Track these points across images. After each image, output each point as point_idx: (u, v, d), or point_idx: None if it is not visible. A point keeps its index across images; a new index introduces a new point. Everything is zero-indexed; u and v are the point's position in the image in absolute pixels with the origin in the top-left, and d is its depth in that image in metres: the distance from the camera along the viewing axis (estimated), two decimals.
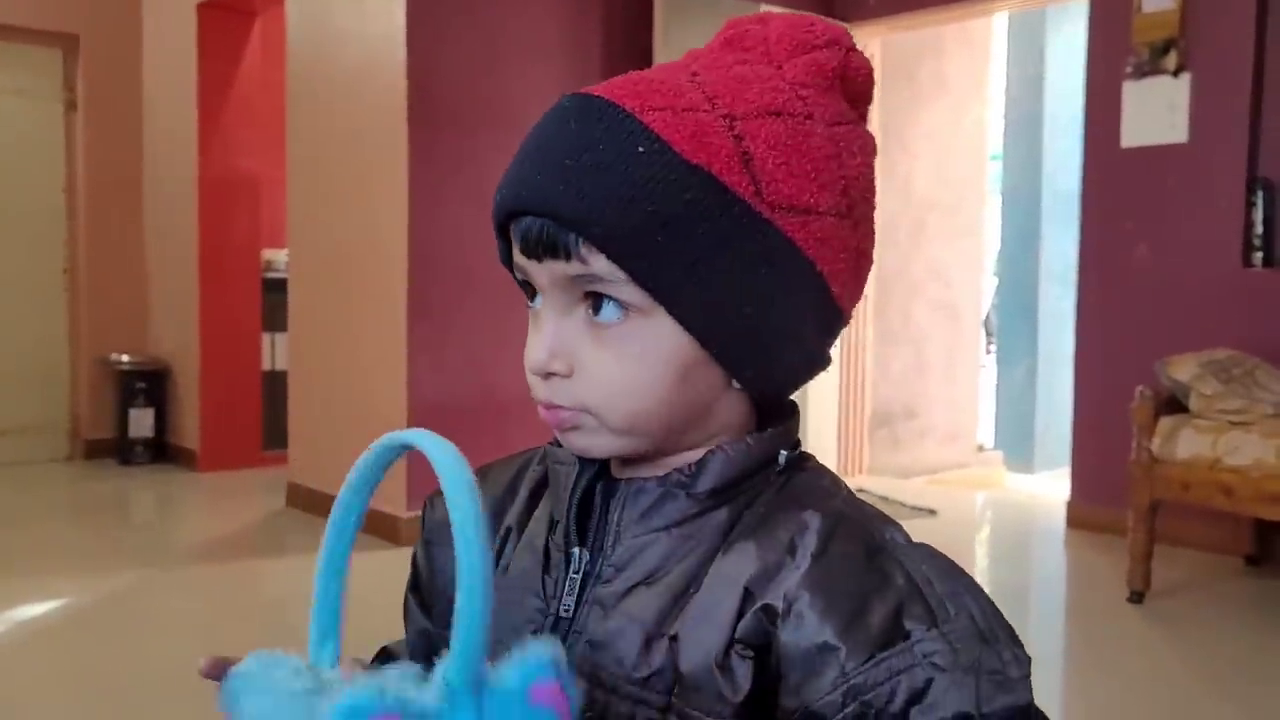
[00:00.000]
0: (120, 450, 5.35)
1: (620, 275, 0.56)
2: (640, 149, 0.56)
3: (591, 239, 0.56)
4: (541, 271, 0.59)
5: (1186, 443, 3.13)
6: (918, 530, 0.62)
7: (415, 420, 3.70)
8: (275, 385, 5.06)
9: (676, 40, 4.31)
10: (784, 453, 0.62)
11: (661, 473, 0.61)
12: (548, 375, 0.60)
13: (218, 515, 4.60)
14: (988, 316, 7.14)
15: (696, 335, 0.58)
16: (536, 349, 0.60)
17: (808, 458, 0.64)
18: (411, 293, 3.79)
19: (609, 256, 0.56)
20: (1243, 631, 3.10)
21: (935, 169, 5.66)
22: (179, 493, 4.95)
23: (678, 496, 0.60)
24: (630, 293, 0.57)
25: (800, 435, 0.65)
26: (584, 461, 0.64)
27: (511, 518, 0.69)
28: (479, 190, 3.85)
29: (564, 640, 0.61)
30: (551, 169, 0.57)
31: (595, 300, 0.58)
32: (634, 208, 0.55)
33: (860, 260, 0.63)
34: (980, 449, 6.06)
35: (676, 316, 0.57)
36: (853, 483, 4.95)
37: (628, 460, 0.63)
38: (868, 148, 0.63)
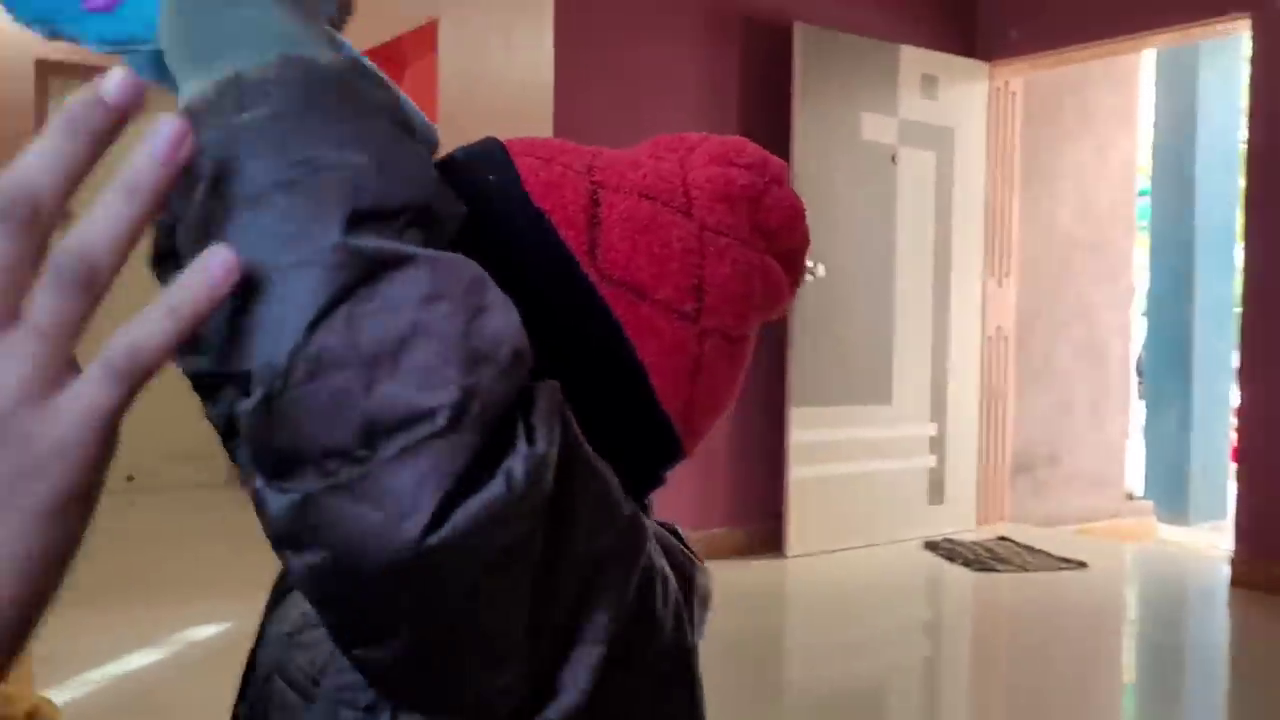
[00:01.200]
0: None
1: None
2: (491, 177, 0.56)
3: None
4: None
5: None
6: (1066, 583, 0.59)
7: None
8: None
9: (815, 80, 4.31)
10: None
11: None
12: None
13: None
14: (1139, 358, 6.87)
15: None
16: None
17: None
18: None
19: None
20: None
21: (1080, 207, 5.49)
22: None
23: None
24: None
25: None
26: None
27: None
28: None
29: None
30: None
31: None
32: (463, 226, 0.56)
33: (701, 376, 0.56)
34: (1130, 497, 5.81)
35: None
36: (993, 530, 4.81)
37: None
38: (752, 274, 0.58)
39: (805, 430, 4.31)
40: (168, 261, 0.46)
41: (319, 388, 0.40)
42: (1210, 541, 5.02)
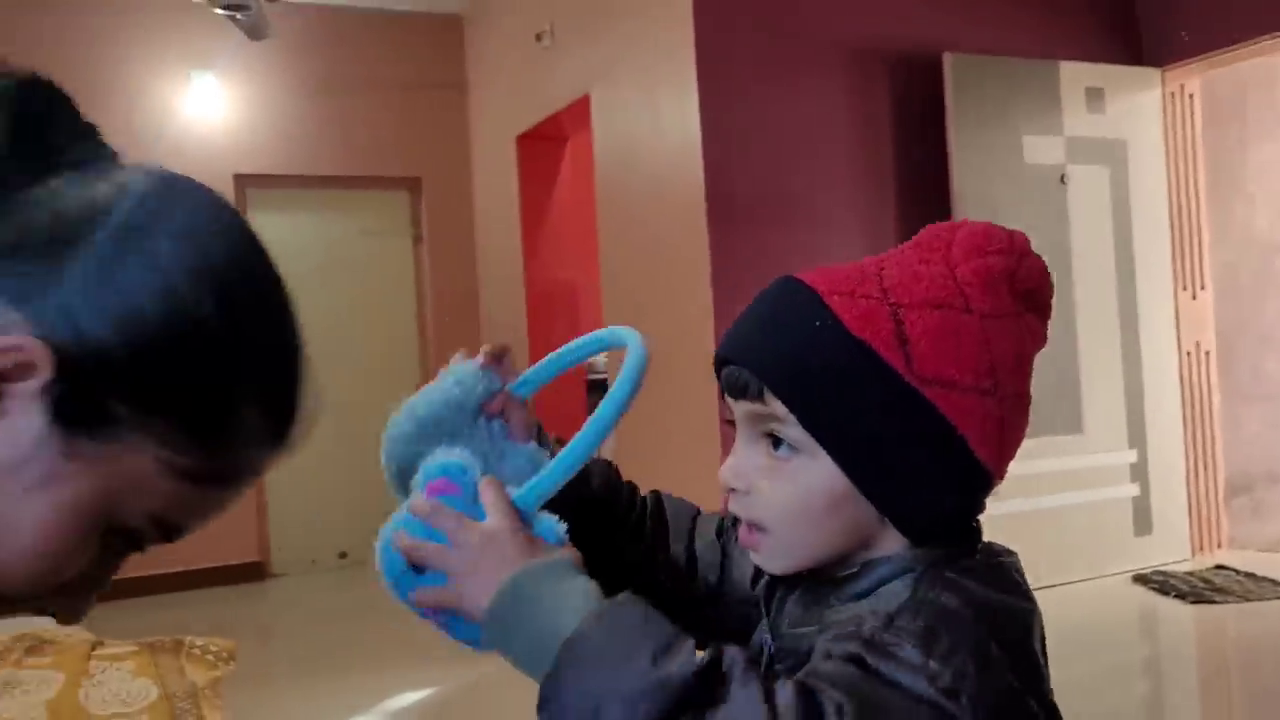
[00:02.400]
0: None
1: (791, 418, 0.72)
2: (817, 323, 0.72)
3: (770, 386, 0.72)
4: (736, 408, 0.76)
5: None
6: None
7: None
8: None
9: (971, 108, 4.24)
10: (912, 572, 0.72)
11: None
12: (731, 490, 0.76)
13: None
14: None
15: (847, 473, 0.71)
16: (724, 469, 0.77)
17: (949, 582, 0.71)
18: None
19: (783, 401, 0.72)
20: None
21: (1278, 207, 5.14)
22: None
23: (827, 599, 0.74)
24: (797, 433, 0.72)
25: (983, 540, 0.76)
26: None
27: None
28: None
29: None
30: (751, 330, 0.75)
31: (773, 438, 0.73)
32: (805, 366, 0.72)
33: (1005, 430, 0.73)
34: None
35: (832, 455, 0.71)
36: (1211, 559, 4.51)
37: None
38: (1023, 337, 0.75)
39: None
40: None
41: None
42: None
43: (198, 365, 0.56)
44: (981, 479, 0.73)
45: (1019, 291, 0.75)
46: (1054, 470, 4.31)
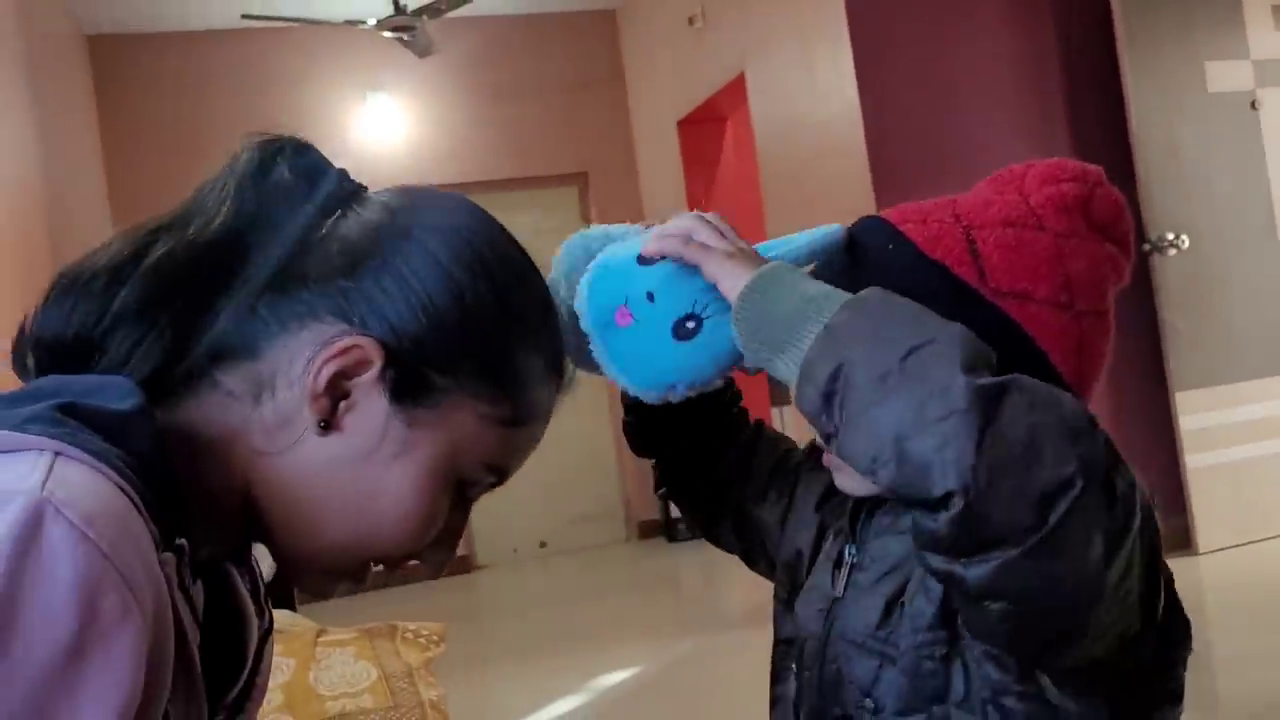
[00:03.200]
0: (666, 529, 5.93)
1: None
2: (890, 246, 0.75)
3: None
4: None
5: None
6: None
7: None
8: None
9: (1144, 39, 4.01)
10: None
11: None
12: None
13: (762, 584, 4.93)
14: None
15: None
16: None
17: None
18: None
19: None
20: None
21: None
22: (721, 564, 5.37)
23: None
24: None
25: None
26: None
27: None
28: None
29: (830, 611, 0.81)
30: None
31: None
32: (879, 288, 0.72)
33: (1084, 349, 0.74)
34: None
35: None
36: None
37: None
38: (1100, 262, 0.76)
39: (1195, 415, 3.96)
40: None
41: (999, 488, 0.57)
42: None
43: (482, 330, 0.68)
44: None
45: (1095, 222, 0.76)
46: (1270, 415, 4.05)
